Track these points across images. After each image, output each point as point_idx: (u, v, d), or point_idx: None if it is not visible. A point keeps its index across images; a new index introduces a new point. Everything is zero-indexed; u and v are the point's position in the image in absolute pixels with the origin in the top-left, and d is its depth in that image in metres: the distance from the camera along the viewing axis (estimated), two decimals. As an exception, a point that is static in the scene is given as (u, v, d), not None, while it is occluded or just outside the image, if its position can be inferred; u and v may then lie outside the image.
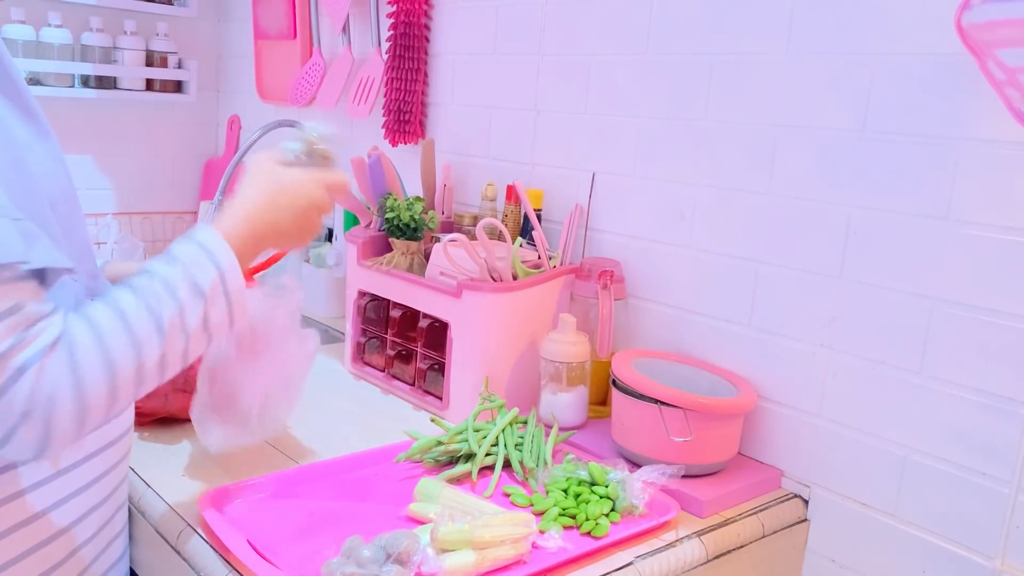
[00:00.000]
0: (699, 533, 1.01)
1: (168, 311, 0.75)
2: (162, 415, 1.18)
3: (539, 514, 0.99)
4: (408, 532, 0.84)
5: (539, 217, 1.41)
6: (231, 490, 0.99)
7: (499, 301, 1.25)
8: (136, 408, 1.16)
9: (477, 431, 1.13)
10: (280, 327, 1.01)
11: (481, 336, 1.26)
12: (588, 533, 0.96)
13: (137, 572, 1.05)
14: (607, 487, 1.01)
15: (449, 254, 1.25)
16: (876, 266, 1.04)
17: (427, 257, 1.39)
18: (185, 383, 1.16)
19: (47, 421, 0.68)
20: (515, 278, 1.27)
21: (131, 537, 1.02)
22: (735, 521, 1.05)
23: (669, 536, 0.99)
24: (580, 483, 1.03)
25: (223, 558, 0.87)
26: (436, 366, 1.33)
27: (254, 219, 0.85)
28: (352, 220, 1.74)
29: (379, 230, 1.45)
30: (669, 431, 1.07)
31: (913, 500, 1.03)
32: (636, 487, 1.00)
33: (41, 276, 0.72)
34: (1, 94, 0.76)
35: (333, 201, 0.92)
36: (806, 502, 1.13)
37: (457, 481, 1.07)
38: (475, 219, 1.46)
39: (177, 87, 2.25)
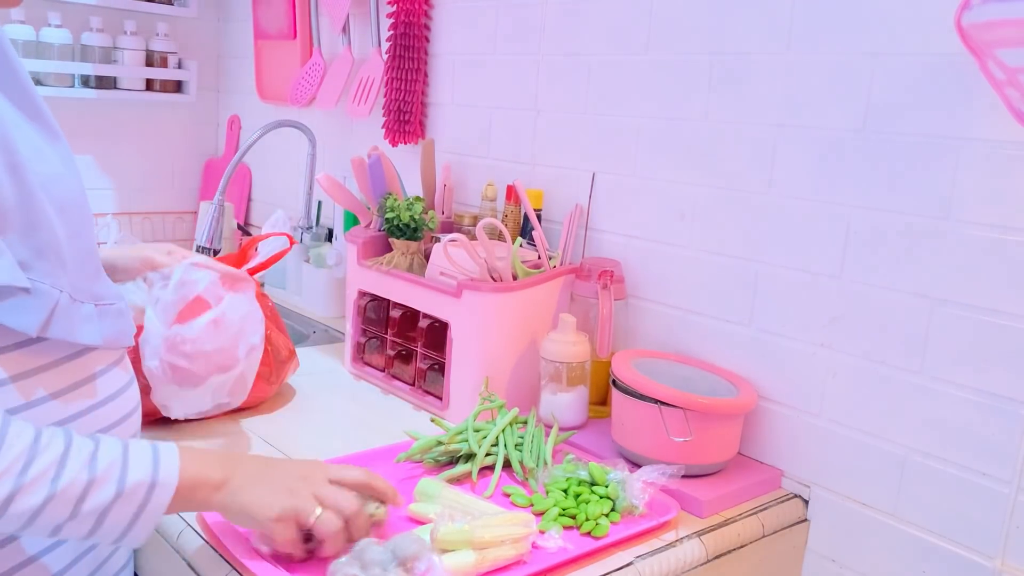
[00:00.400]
0: (699, 533, 1.01)
1: (71, 476, 0.71)
2: (162, 415, 1.17)
3: (539, 514, 0.99)
4: (419, 538, 0.84)
5: (539, 217, 1.41)
6: (231, 490, 0.99)
7: (499, 301, 1.25)
8: (143, 407, 1.16)
9: (477, 431, 1.13)
10: (229, 310, 1.09)
11: (481, 336, 1.26)
12: (588, 533, 0.96)
13: (137, 572, 1.05)
14: (607, 487, 1.01)
15: (449, 254, 1.25)
16: (876, 266, 1.04)
17: (427, 257, 1.39)
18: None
19: None
20: (515, 278, 1.28)
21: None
22: (735, 521, 1.05)
23: (669, 536, 0.99)
24: (580, 483, 1.03)
25: (223, 558, 0.87)
26: (436, 366, 1.33)
27: (230, 482, 0.80)
28: (352, 220, 1.74)
29: (379, 230, 1.45)
30: (669, 431, 1.07)
31: (913, 500, 1.03)
32: (636, 487, 1.00)
33: None
34: (4, 96, 0.76)
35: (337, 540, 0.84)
36: (806, 502, 1.13)
37: (457, 481, 1.07)
38: (475, 219, 1.46)
39: (177, 87, 2.25)
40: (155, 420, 1.18)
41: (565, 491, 1.02)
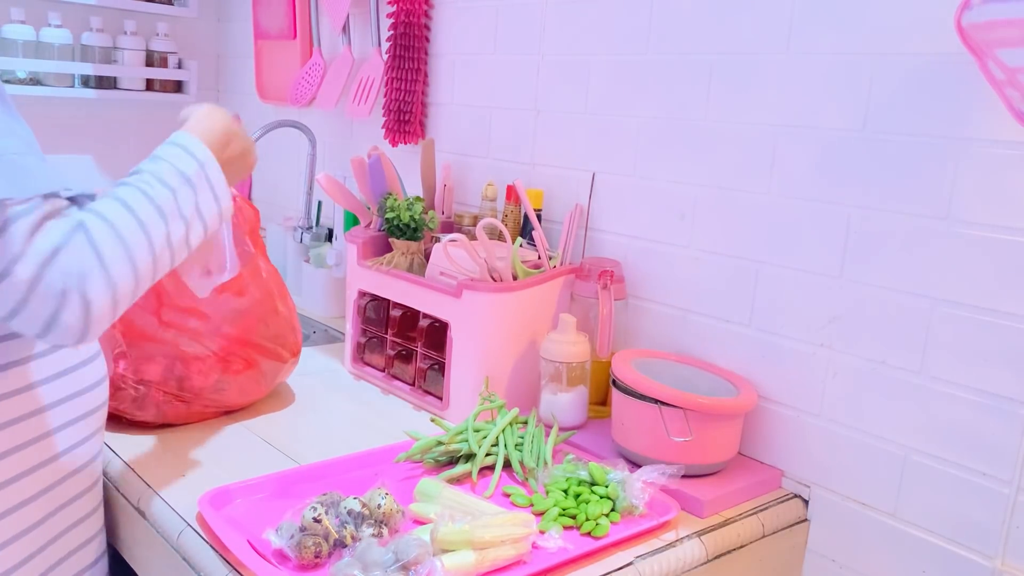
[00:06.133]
0: (699, 533, 1.01)
1: (163, 196, 0.82)
2: (158, 424, 1.17)
3: (539, 514, 0.99)
4: (420, 540, 0.84)
5: (539, 217, 1.41)
6: (231, 490, 0.99)
7: (499, 301, 1.25)
8: (132, 417, 1.16)
9: (477, 431, 1.13)
10: None
11: (481, 336, 1.26)
12: (588, 533, 0.96)
13: (137, 572, 1.05)
14: (607, 487, 1.01)
15: (449, 254, 1.25)
16: (876, 266, 1.04)
17: (427, 257, 1.39)
18: (179, 391, 1.16)
19: (84, 298, 0.73)
20: (515, 278, 1.27)
21: (131, 537, 1.02)
22: (735, 521, 1.05)
23: (669, 536, 0.99)
24: (580, 483, 1.03)
25: (223, 558, 0.87)
26: (436, 366, 1.33)
27: (216, 142, 0.92)
28: (352, 220, 1.74)
29: (379, 230, 1.45)
30: (669, 431, 1.07)
31: (913, 500, 1.03)
32: (636, 487, 1.00)
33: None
34: None
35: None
36: (806, 502, 1.13)
37: (457, 481, 1.07)
38: (475, 219, 1.46)
39: (177, 87, 2.25)
40: (158, 426, 1.18)
41: (565, 491, 1.02)
